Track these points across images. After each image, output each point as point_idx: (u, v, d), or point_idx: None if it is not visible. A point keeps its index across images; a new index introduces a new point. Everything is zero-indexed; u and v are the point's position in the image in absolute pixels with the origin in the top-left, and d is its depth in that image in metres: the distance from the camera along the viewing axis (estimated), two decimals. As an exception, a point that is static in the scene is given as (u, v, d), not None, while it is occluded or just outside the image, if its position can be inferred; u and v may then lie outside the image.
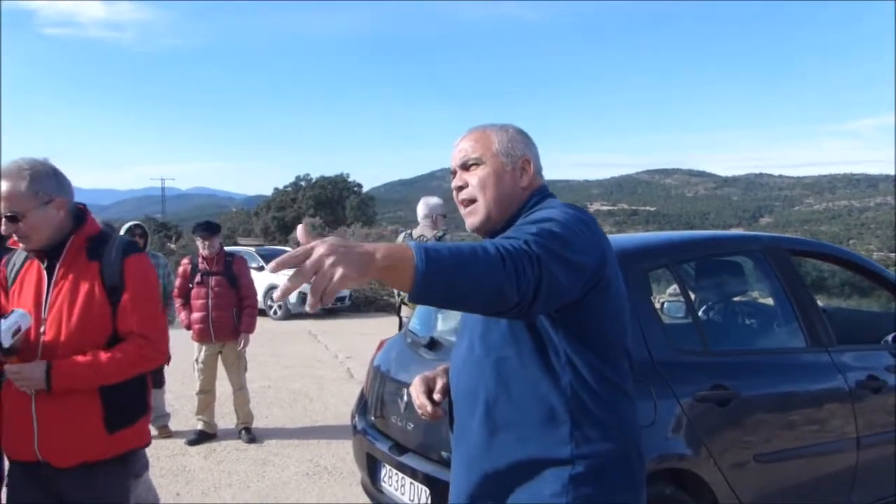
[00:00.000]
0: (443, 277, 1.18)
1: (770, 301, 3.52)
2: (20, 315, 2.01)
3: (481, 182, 1.60)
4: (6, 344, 1.95)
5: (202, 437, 5.19)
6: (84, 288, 2.07)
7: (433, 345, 3.13)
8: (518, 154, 1.62)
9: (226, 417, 5.57)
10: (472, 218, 1.62)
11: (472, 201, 1.61)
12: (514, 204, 1.60)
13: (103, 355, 2.05)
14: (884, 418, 3.16)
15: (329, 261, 1.09)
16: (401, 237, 5.40)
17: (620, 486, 1.48)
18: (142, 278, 2.16)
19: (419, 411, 1.69)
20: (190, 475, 4.47)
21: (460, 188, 1.63)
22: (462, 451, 1.61)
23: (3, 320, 1.96)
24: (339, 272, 1.09)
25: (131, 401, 2.17)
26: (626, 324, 1.54)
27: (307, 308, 1.17)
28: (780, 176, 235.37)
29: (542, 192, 1.64)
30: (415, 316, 3.70)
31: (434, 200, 5.33)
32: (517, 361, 1.49)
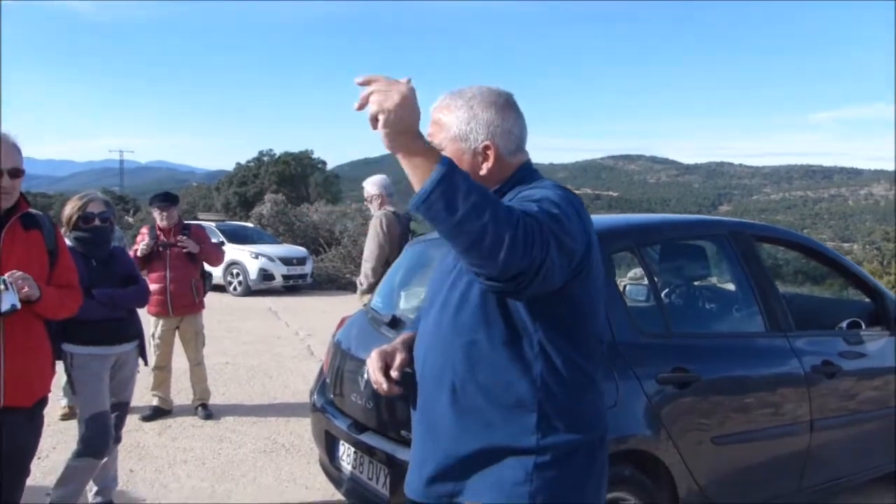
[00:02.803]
0: (458, 192, 1.16)
1: (732, 286, 3.55)
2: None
3: None
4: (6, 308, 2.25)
5: (157, 412, 5.07)
6: (35, 251, 2.46)
7: (395, 323, 3.08)
8: (479, 138, 1.49)
9: (182, 393, 5.45)
10: None
11: None
12: (493, 185, 1.51)
13: (62, 291, 2.55)
14: (836, 403, 3.23)
15: (400, 94, 1.20)
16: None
17: (584, 473, 1.46)
18: (65, 242, 2.69)
19: (375, 387, 1.63)
20: (144, 451, 4.36)
21: None
22: (426, 428, 1.57)
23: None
24: (390, 103, 1.19)
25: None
26: (601, 310, 1.50)
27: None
28: (741, 165, 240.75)
29: (523, 171, 1.54)
30: (377, 293, 3.64)
31: (379, 178, 5.01)
32: (487, 346, 1.43)
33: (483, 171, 1.51)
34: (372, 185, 4.96)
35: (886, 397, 3.48)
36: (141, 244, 4.94)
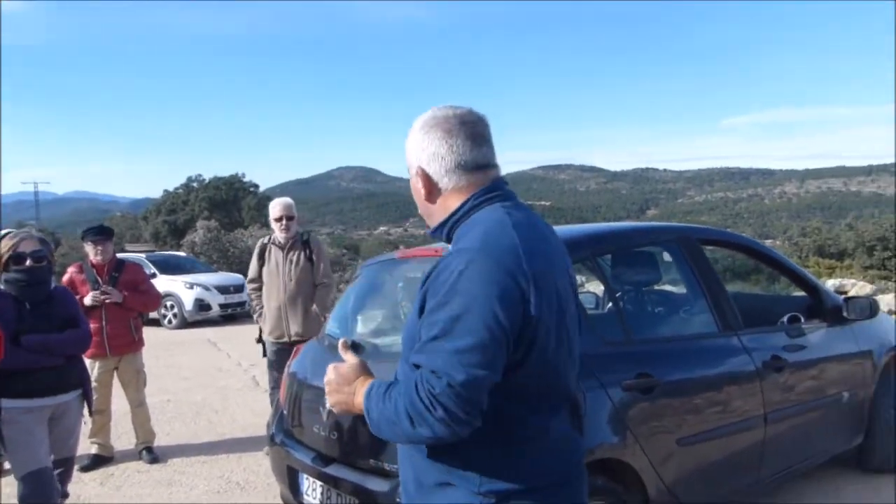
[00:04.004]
0: (384, 432, 1.37)
1: (682, 289, 3.64)
2: None
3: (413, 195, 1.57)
4: None
5: (97, 461, 4.78)
6: None
7: (354, 348, 2.99)
8: (414, 163, 1.50)
9: (122, 437, 5.18)
10: None
11: None
12: (436, 212, 1.50)
13: None
14: (785, 395, 3.35)
15: (326, 388, 1.53)
16: (258, 244, 5.10)
17: None
18: None
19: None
20: None
21: None
22: (403, 456, 1.55)
23: None
24: (331, 400, 1.52)
25: None
26: (557, 357, 1.42)
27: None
28: (665, 170, 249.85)
29: (482, 195, 1.46)
30: (332, 318, 3.56)
31: (286, 201, 4.94)
32: None
33: (423, 196, 1.50)
34: (291, 208, 4.87)
35: (828, 385, 3.63)
36: (88, 297, 4.65)
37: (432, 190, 1.48)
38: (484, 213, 1.44)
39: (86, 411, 3.38)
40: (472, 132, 1.48)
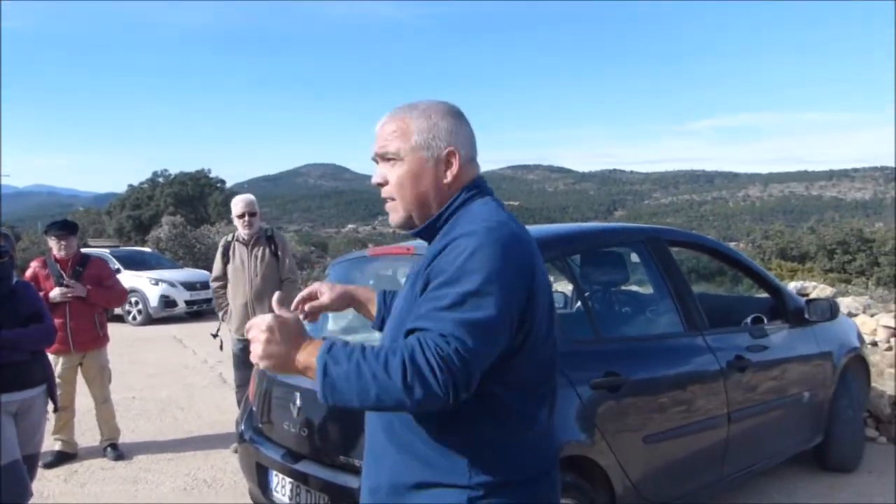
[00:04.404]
0: (343, 391, 1.25)
1: (649, 289, 3.70)
2: None
3: (399, 181, 1.48)
4: None
5: (61, 457, 4.70)
6: None
7: (326, 346, 3.00)
8: (441, 145, 1.47)
9: (86, 434, 5.09)
10: (393, 216, 1.52)
11: (391, 199, 1.50)
12: (438, 201, 1.48)
13: None
14: (748, 394, 3.43)
15: (261, 338, 1.30)
16: (222, 241, 5.06)
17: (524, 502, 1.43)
18: None
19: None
20: (49, 502, 4.03)
21: (381, 184, 1.51)
22: (373, 457, 1.53)
23: None
24: (259, 351, 1.30)
25: None
26: (548, 344, 1.44)
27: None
28: (632, 172, 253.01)
29: (472, 188, 1.50)
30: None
31: (248, 198, 4.88)
32: None
33: (448, 179, 1.47)
34: (253, 204, 4.82)
35: (789, 385, 3.73)
36: (54, 292, 4.57)
37: (459, 175, 1.48)
38: (476, 206, 1.46)
39: (50, 407, 3.32)
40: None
